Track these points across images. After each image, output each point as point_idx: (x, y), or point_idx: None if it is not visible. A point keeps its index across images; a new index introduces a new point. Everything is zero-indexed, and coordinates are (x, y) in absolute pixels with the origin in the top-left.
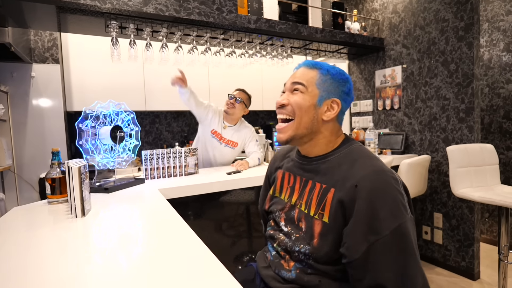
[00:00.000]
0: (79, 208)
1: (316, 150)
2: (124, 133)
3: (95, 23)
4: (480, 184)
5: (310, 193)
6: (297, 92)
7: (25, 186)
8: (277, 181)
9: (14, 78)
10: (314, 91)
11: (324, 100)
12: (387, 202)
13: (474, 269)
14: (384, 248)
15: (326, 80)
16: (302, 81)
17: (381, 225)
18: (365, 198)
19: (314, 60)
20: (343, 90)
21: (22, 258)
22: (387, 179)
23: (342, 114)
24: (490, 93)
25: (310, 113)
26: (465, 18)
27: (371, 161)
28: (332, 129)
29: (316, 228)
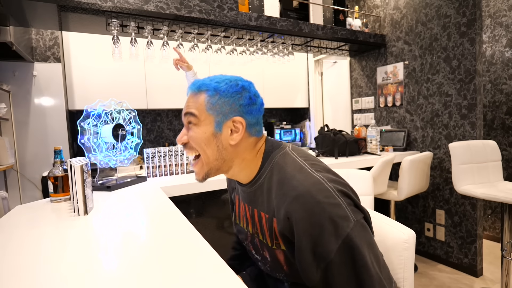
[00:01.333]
0: (81, 206)
1: (242, 177)
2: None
3: (96, 22)
4: (482, 181)
5: (260, 223)
6: (191, 125)
7: (28, 184)
8: (235, 206)
9: (16, 77)
10: (208, 118)
11: (222, 123)
12: (323, 224)
13: (477, 266)
14: (337, 269)
15: (216, 101)
16: (192, 111)
17: (325, 249)
18: (299, 229)
19: (199, 80)
20: (241, 103)
21: (25, 256)
22: (314, 199)
23: (253, 126)
24: (493, 89)
25: (212, 144)
26: (467, 13)
27: (293, 180)
28: (246, 149)
29: (279, 257)
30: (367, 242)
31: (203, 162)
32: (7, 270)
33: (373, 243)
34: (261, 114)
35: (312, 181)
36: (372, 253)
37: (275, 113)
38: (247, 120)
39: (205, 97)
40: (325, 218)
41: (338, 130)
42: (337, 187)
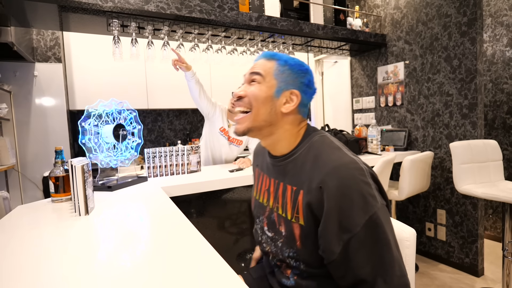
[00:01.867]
0: (82, 207)
1: (279, 148)
2: (126, 131)
3: (97, 22)
4: (483, 180)
5: (283, 196)
6: (255, 83)
7: (29, 184)
8: (256, 181)
9: (17, 77)
10: (272, 81)
11: (282, 91)
12: (353, 198)
13: (478, 266)
14: (359, 244)
15: (284, 70)
16: (260, 71)
17: (352, 222)
18: (331, 198)
19: (273, 51)
20: (303, 81)
21: (26, 256)
22: (349, 172)
23: (303, 106)
24: (494, 88)
25: (267, 105)
26: (468, 13)
27: (332, 155)
28: (293, 122)
29: (295, 231)
30: (390, 225)
31: (251, 118)
32: (8, 270)
33: (393, 230)
34: (311, 101)
35: (349, 159)
36: (393, 237)
37: None
38: (302, 97)
39: (275, 64)
40: (357, 192)
41: (338, 130)
42: (369, 170)
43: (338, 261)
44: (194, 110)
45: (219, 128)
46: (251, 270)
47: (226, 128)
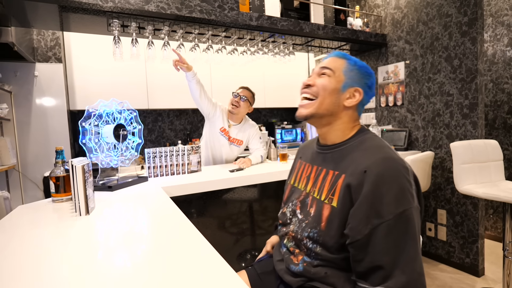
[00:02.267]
0: (83, 206)
1: (332, 137)
2: (127, 131)
3: (97, 22)
4: (484, 180)
5: (323, 180)
6: (324, 75)
7: (30, 184)
8: (296, 171)
9: (17, 77)
10: (340, 77)
11: (348, 87)
12: (393, 188)
13: (479, 266)
14: (387, 232)
15: (352, 69)
16: (331, 67)
17: (386, 209)
18: (372, 182)
19: (343, 52)
20: (366, 82)
21: (27, 256)
22: (396, 166)
23: (362, 106)
24: (494, 88)
25: (333, 96)
26: (468, 13)
27: (382, 149)
28: (351, 117)
29: (324, 212)
30: (418, 227)
31: (315, 105)
32: (9, 270)
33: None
34: (368, 102)
35: (398, 157)
36: (419, 239)
37: (276, 113)
38: (363, 96)
39: (345, 62)
40: (397, 185)
41: None
42: (413, 172)
43: (362, 243)
44: (194, 110)
45: (220, 128)
46: (256, 265)
47: (226, 128)
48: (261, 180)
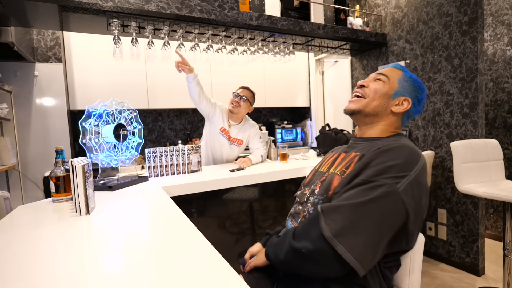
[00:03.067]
0: (83, 206)
1: (370, 132)
2: (127, 131)
3: (97, 22)
4: (484, 180)
5: (343, 160)
6: (379, 81)
7: (30, 184)
8: (322, 160)
9: (17, 77)
10: (394, 84)
11: (399, 95)
12: (386, 162)
13: (479, 265)
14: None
15: (407, 80)
16: (386, 74)
17: (367, 172)
18: (376, 152)
19: (403, 66)
20: (417, 96)
21: (27, 256)
22: (405, 152)
23: (407, 116)
24: (495, 87)
25: (382, 100)
26: (468, 12)
27: (408, 143)
28: (393, 122)
29: (334, 182)
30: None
31: (363, 102)
32: (10, 270)
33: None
34: (413, 117)
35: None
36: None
37: (276, 113)
38: (411, 107)
39: (401, 73)
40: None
41: (339, 129)
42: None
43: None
44: (194, 110)
45: (220, 128)
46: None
47: (226, 128)
48: (262, 179)
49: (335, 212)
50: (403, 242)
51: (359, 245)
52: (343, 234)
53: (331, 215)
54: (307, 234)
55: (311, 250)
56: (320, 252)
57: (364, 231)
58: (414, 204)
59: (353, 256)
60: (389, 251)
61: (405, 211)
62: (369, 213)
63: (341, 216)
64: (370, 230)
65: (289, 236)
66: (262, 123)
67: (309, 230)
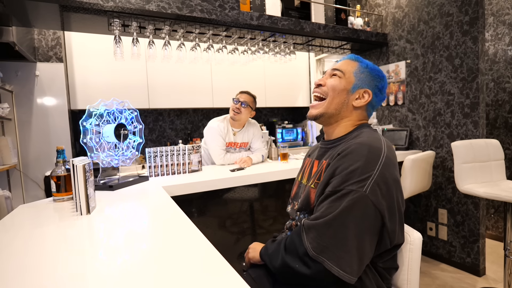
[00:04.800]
0: (84, 206)
1: (336, 133)
2: (127, 131)
3: (98, 22)
4: (485, 180)
5: (316, 170)
6: (335, 77)
7: (31, 184)
8: (302, 168)
9: (18, 77)
10: (350, 78)
11: (357, 88)
12: (347, 168)
13: (480, 265)
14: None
15: (363, 71)
16: (341, 69)
17: (333, 183)
18: (336, 160)
19: (358, 55)
20: (377, 85)
21: (29, 255)
22: (363, 151)
23: (371, 106)
24: (496, 87)
25: (341, 96)
26: (469, 12)
27: (365, 138)
28: (358, 116)
29: (312, 195)
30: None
31: (324, 105)
32: (11, 269)
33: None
34: (378, 106)
35: (379, 146)
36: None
37: (276, 113)
38: (373, 97)
39: (357, 64)
40: (353, 166)
41: None
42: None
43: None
44: (195, 109)
45: (226, 145)
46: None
47: (232, 140)
48: (262, 179)
49: (313, 230)
50: (386, 241)
51: (344, 256)
52: (326, 250)
53: (310, 234)
54: (296, 250)
55: (302, 266)
56: (310, 269)
57: (345, 243)
58: (385, 201)
59: (341, 269)
60: (376, 252)
61: (378, 212)
62: (344, 224)
63: (319, 234)
64: (350, 240)
65: (282, 248)
66: (262, 123)
67: (296, 247)
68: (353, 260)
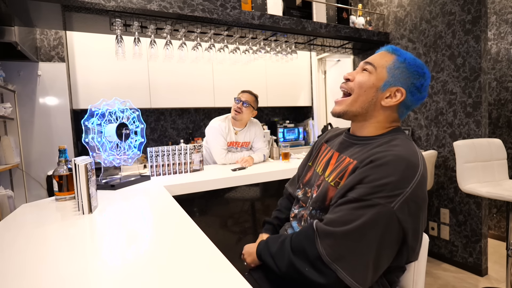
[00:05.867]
0: (86, 205)
1: (364, 132)
2: (129, 130)
3: (99, 21)
4: (487, 180)
5: (337, 165)
6: (365, 72)
7: (33, 183)
8: (318, 153)
9: (21, 77)
10: (382, 74)
11: (389, 86)
12: (381, 178)
13: (482, 265)
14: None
15: (399, 66)
16: (374, 63)
17: (360, 189)
18: (369, 166)
19: (397, 47)
20: (414, 83)
21: (31, 254)
22: (400, 165)
23: (405, 107)
24: (498, 87)
25: (369, 94)
26: (472, 11)
27: (405, 149)
28: (387, 117)
29: (330, 193)
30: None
31: (348, 102)
32: (13, 267)
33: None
34: (415, 106)
35: (416, 163)
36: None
37: (278, 112)
38: (407, 97)
39: (393, 58)
40: (386, 179)
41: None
42: (422, 192)
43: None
44: (196, 109)
45: (228, 144)
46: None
47: (234, 140)
48: (263, 179)
49: (331, 238)
50: (404, 256)
51: (359, 268)
52: (342, 259)
53: (327, 240)
54: (305, 252)
55: (312, 271)
56: (321, 274)
57: (363, 255)
58: (411, 220)
59: (355, 280)
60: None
61: (402, 229)
62: (365, 236)
63: (336, 242)
64: (368, 253)
65: (288, 248)
66: (264, 122)
67: (306, 249)
68: (368, 273)
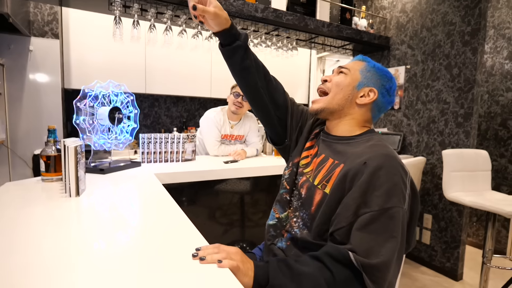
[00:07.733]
0: (73, 188)
1: (339, 130)
2: (122, 115)
3: (98, 0)
4: (471, 189)
5: (319, 166)
6: (341, 73)
7: (18, 161)
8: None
9: (11, 50)
10: (356, 75)
11: (363, 86)
12: (388, 183)
13: (458, 270)
14: (368, 222)
15: (370, 70)
16: (348, 67)
17: (375, 200)
18: (369, 173)
19: (367, 57)
20: (384, 85)
21: (13, 235)
22: (396, 165)
23: (377, 108)
24: (489, 100)
25: (346, 92)
26: (472, 23)
27: (386, 148)
28: (362, 115)
29: (316, 197)
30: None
31: (326, 100)
32: None
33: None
34: (385, 110)
35: (400, 160)
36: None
37: None
38: (379, 97)
39: (364, 64)
40: (393, 182)
41: None
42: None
43: (346, 230)
44: (192, 98)
45: (221, 136)
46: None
47: (228, 132)
48: (255, 173)
49: (383, 270)
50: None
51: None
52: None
53: (376, 274)
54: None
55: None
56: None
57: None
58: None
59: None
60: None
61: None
62: (396, 246)
63: (388, 270)
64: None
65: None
66: None
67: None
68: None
